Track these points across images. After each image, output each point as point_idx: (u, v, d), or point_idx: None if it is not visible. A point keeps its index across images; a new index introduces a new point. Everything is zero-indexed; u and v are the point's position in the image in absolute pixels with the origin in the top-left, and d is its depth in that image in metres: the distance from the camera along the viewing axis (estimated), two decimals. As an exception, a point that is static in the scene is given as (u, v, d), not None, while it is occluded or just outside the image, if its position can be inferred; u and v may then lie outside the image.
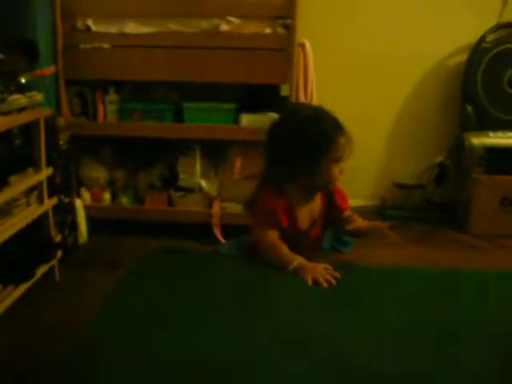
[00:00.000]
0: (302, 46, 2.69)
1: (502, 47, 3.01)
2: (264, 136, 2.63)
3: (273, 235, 1.67)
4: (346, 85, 3.23)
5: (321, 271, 1.50)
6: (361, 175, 3.32)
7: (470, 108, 3.01)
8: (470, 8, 3.12)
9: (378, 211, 3.25)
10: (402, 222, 3.02)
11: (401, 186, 3.20)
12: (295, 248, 1.68)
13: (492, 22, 3.10)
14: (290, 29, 2.61)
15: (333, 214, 1.86)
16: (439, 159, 3.12)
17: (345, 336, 1.21)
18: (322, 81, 2.96)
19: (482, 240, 2.89)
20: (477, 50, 3.03)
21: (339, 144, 1.69)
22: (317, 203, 1.82)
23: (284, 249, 1.64)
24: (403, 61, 3.21)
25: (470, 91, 3.02)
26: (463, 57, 3.13)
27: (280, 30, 2.64)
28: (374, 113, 3.26)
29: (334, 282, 1.47)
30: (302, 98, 2.70)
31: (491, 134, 2.99)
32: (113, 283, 1.63)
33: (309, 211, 1.78)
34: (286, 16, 2.61)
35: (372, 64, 3.22)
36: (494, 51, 3.01)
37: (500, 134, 2.99)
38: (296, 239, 1.73)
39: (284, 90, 2.74)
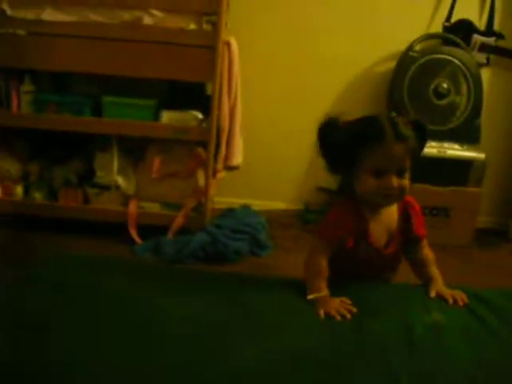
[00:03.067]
0: (228, 44, 2.62)
1: (428, 57, 3.03)
2: (183, 135, 2.61)
3: (322, 261, 1.47)
4: (271, 86, 3.20)
5: (335, 305, 1.37)
6: (284, 178, 3.32)
7: (395, 116, 3.01)
8: (400, 16, 3.14)
9: (301, 215, 3.22)
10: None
11: (324, 190, 3.18)
12: (369, 268, 1.54)
13: (421, 31, 3.12)
14: (215, 25, 2.54)
15: (406, 234, 1.57)
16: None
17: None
18: (247, 81, 2.92)
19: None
20: (404, 59, 3.04)
21: (378, 154, 1.41)
22: (393, 217, 1.55)
23: (319, 277, 1.46)
24: (331, 64, 3.20)
25: (396, 99, 3.02)
26: (391, 65, 3.14)
27: (206, 27, 2.56)
28: (299, 115, 3.23)
29: (348, 316, 1.33)
30: (225, 98, 2.63)
31: (415, 143, 3.00)
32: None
33: (384, 226, 1.54)
34: (211, 12, 2.53)
35: (299, 66, 3.20)
36: (421, 61, 3.01)
37: (424, 143, 3.00)
38: (369, 257, 1.53)
39: (209, 89, 2.67)
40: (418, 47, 3.07)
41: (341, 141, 1.46)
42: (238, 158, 2.77)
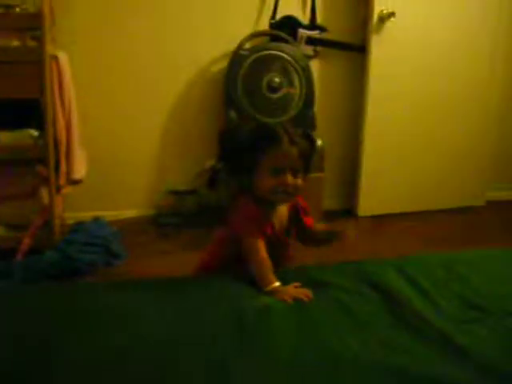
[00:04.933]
0: (56, 58, 2.59)
1: (258, 54, 3.16)
2: (21, 154, 2.56)
3: (262, 248, 1.60)
4: (111, 94, 3.21)
5: (290, 291, 1.51)
6: (133, 186, 3.34)
7: (232, 113, 3.12)
8: (229, 16, 3.28)
9: (154, 219, 3.26)
10: (176, 229, 3.08)
11: (174, 193, 3.24)
12: (278, 256, 1.66)
13: (250, 29, 3.26)
14: (40, 41, 2.51)
15: (298, 230, 1.79)
16: (210, 163, 3.16)
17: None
18: (84, 93, 2.92)
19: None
20: (235, 58, 3.15)
21: (275, 154, 1.60)
22: (284, 214, 1.75)
23: (268, 267, 1.58)
24: (169, 67, 3.27)
25: (232, 96, 3.13)
26: (225, 63, 3.24)
27: (30, 43, 2.54)
28: (141, 120, 3.27)
29: (305, 298, 1.48)
30: (59, 112, 2.60)
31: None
32: None
33: (279, 218, 1.72)
34: (35, 27, 2.51)
35: (136, 71, 3.23)
36: (251, 58, 3.14)
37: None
38: (277, 246, 1.69)
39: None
40: (247, 45, 3.20)
41: (242, 145, 1.64)
42: (79, 172, 2.75)
